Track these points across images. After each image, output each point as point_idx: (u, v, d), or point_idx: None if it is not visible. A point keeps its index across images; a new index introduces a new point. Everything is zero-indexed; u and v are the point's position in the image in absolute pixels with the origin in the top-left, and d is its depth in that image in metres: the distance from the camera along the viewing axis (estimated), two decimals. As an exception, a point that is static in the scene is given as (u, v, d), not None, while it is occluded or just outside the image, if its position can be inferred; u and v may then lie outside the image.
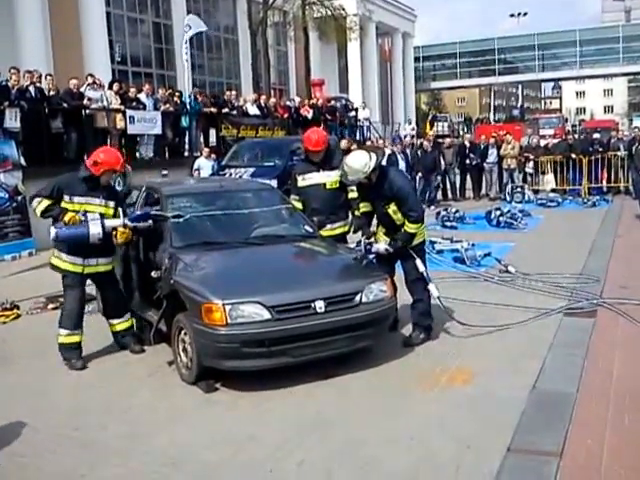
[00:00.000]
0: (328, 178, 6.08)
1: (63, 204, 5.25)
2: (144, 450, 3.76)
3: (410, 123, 31.48)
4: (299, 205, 6.17)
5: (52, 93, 11.98)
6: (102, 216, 5.25)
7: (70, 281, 5.35)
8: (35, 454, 3.76)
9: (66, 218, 5.15)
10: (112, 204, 5.40)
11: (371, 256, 5.50)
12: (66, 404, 4.49)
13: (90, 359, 5.41)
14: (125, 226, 5.28)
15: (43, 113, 11.55)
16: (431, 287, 5.47)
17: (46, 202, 5.26)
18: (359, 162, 5.31)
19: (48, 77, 12.25)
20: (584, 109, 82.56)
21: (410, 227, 5.32)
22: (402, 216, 5.36)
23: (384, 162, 14.37)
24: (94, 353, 5.56)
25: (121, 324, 5.60)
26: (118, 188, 7.84)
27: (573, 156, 16.23)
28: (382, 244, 5.45)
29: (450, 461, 3.48)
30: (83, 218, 5.16)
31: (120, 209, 5.44)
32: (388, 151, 14.98)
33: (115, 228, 5.25)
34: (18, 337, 6.11)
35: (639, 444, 3.53)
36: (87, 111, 12.46)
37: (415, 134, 15.79)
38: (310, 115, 18.17)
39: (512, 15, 56.31)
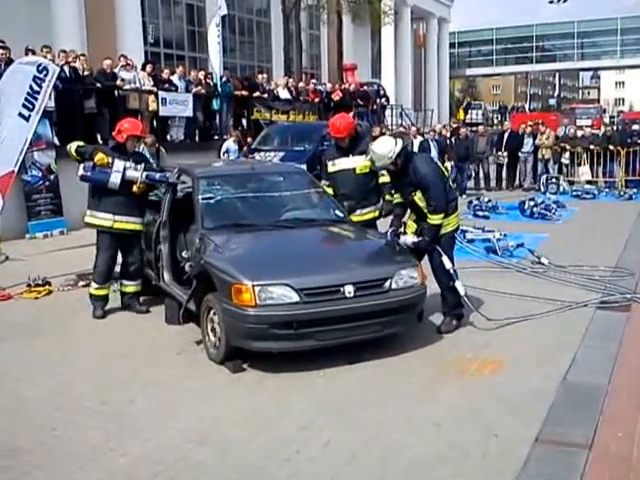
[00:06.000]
0: (357, 163, 6.05)
1: None
2: (171, 425, 3.81)
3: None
4: (330, 191, 6.15)
5: (86, 73, 12.09)
6: (125, 168, 5.82)
7: (102, 242, 5.98)
8: (65, 426, 3.82)
9: (96, 158, 5.73)
10: (140, 167, 5.95)
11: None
12: (95, 379, 4.55)
13: (118, 336, 5.50)
14: (142, 182, 5.88)
15: (77, 93, 11.66)
16: (458, 285, 5.37)
17: (80, 142, 5.92)
18: (384, 148, 5.33)
19: (82, 57, 12.33)
20: (623, 100, 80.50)
21: (432, 218, 5.26)
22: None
23: (415, 149, 14.26)
24: (122, 331, 5.64)
25: (133, 287, 6.15)
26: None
27: (611, 147, 15.87)
28: (409, 237, 5.40)
29: (476, 449, 3.45)
30: (110, 162, 5.77)
31: (142, 165, 5.96)
32: (420, 138, 14.85)
33: (134, 181, 5.85)
34: (49, 313, 6.21)
35: (672, 440, 3.46)
36: (120, 92, 12.55)
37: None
38: (338, 98, 18.01)
39: (551, 1, 54.96)
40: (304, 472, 3.29)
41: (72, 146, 5.94)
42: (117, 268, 6.27)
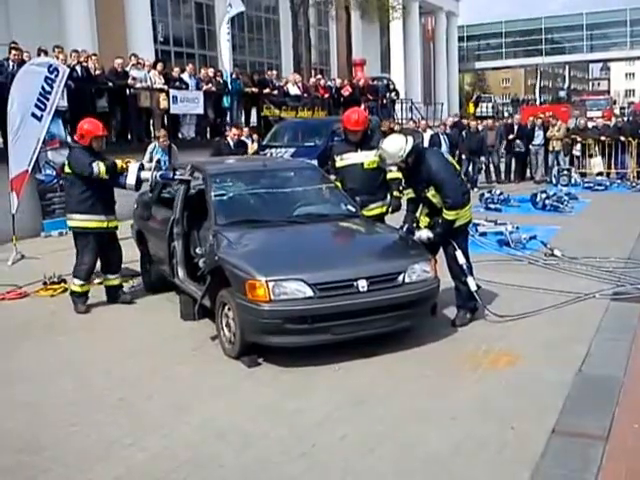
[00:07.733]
0: (366, 158, 6.04)
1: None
2: (188, 421, 3.84)
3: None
4: (337, 185, 6.15)
5: (98, 72, 12.17)
6: (140, 168, 6.12)
7: (89, 242, 6.17)
8: (82, 422, 3.86)
9: (118, 167, 6.08)
10: (151, 166, 6.39)
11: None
12: (111, 375, 4.60)
13: (134, 333, 5.55)
14: (155, 182, 6.26)
15: (89, 92, 11.74)
16: (469, 281, 5.37)
17: (102, 163, 5.98)
18: (394, 146, 5.29)
19: (93, 57, 12.43)
20: (633, 91, 79.79)
21: (447, 214, 5.24)
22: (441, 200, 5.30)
23: (426, 144, 14.20)
24: (137, 327, 5.69)
25: (117, 280, 6.44)
26: (162, 167, 8.02)
27: (622, 139, 15.76)
28: (424, 231, 5.39)
29: (493, 441, 3.46)
30: (127, 166, 6.11)
31: (152, 164, 6.41)
32: (431, 132, 14.80)
33: (146, 179, 6.18)
34: (65, 309, 6.27)
35: (689, 431, 3.45)
36: (131, 90, 12.62)
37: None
38: (348, 94, 17.99)
39: (560, -7, 54.59)
40: (321, 466, 3.31)
41: (100, 169, 5.94)
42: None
